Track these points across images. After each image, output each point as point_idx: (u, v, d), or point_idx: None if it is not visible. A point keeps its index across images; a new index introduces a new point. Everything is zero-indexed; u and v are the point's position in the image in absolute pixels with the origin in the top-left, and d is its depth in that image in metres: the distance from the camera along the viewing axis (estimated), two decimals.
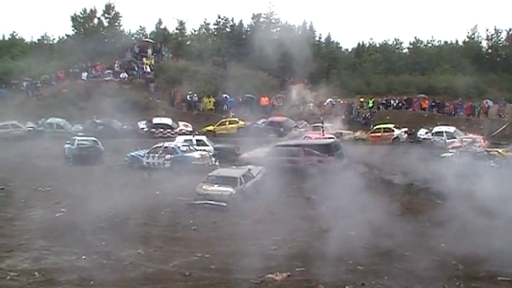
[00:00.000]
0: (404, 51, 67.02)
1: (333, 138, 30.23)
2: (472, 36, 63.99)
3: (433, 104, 44.76)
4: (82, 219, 18.07)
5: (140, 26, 66.46)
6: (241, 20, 65.75)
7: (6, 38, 65.67)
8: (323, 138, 30.33)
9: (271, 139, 33.64)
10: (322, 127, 32.29)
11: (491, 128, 36.84)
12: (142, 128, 38.36)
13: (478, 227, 16.08)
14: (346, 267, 14.02)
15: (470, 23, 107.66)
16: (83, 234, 16.81)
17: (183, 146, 28.36)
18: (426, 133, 35.30)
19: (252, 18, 63.86)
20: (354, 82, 55.62)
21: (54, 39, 65.41)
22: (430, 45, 65.61)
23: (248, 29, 64.12)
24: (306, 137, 31.49)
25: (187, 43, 62.75)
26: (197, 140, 30.66)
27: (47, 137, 35.35)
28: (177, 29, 64.31)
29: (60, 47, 59.21)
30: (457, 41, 65.77)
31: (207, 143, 30.81)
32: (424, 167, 25.05)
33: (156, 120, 38.82)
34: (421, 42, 65.80)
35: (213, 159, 27.54)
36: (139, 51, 51.16)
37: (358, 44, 67.89)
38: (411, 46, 65.95)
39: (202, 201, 20.29)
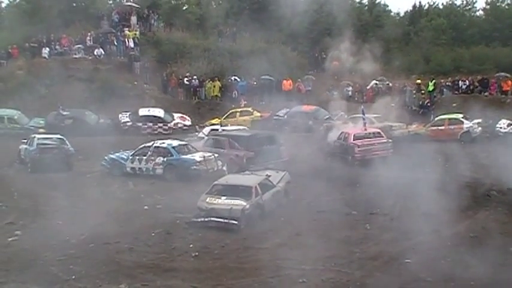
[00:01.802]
0: (478, 13, 66.64)
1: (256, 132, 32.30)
2: None
3: None
4: (44, 244, 18.19)
5: None
6: None
7: None
8: (241, 129, 33.49)
9: (296, 137, 33.66)
10: (364, 119, 32.10)
11: None
12: (125, 122, 38.67)
13: None
14: None
15: None
16: (45, 264, 16.86)
17: (180, 145, 28.40)
18: (509, 125, 34.98)
19: None
20: (407, 58, 55.31)
21: (1, 2, 65.69)
22: None
23: None
24: (342, 132, 31.36)
25: (184, 8, 62.86)
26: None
27: None
28: None
29: (12, 13, 59.36)
30: None
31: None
32: (505, 171, 24.91)
33: (143, 112, 39.07)
34: (503, 1, 65.13)
35: (220, 162, 27.52)
36: (120, 19, 51.32)
37: (414, 6, 67.71)
38: (488, 7, 65.36)
39: (206, 219, 20.31)
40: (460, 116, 36.17)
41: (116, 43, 48.74)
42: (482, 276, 15.46)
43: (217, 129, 32.76)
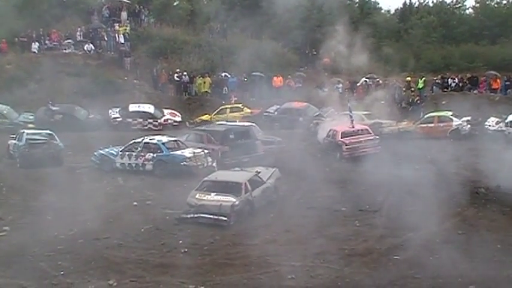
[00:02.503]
0: (468, 12, 66.77)
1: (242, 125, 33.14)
2: None
3: (507, 83, 44.45)
4: (33, 240, 18.17)
5: None
6: None
7: None
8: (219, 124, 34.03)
9: (286, 133, 33.72)
10: (351, 116, 32.06)
11: None
12: (115, 118, 38.49)
13: None
14: None
15: None
16: (34, 260, 16.85)
17: (170, 141, 28.35)
18: (497, 123, 35.08)
19: None
20: (397, 55, 55.31)
21: None
22: (504, 2, 65.14)
23: None
24: (331, 129, 31.40)
25: (175, 3, 62.74)
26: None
27: None
28: None
29: (1, 7, 59.06)
30: None
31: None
32: (493, 169, 25.05)
33: (133, 108, 38.92)
34: None
35: (210, 159, 27.51)
36: (110, 14, 51.19)
37: (404, 4, 67.79)
38: (477, 5, 65.50)
39: (196, 215, 20.33)
40: (449, 113, 36.25)
41: (106, 38, 48.59)
42: (471, 273, 15.54)
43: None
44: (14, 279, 15.57)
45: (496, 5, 64.64)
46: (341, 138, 29.81)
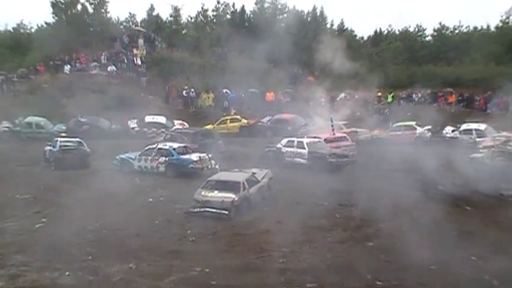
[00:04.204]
0: (427, 39, 67.10)
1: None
2: (506, 20, 63.25)
3: (460, 98, 44.71)
4: (65, 230, 18.11)
5: (130, 13, 66.90)
6: (243, 6, 65.97)
7: None
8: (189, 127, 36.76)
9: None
10: (332, 125, 32.09)
11: None
12: (133, 128, 38.44)
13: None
14: (364, 283, 14.01)
15: (504, 5, 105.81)
16: (66, 247, 16.80)
17: (179, 147, 28.33)
18: (453, 131, 35.17)
19: (256, 4, 63.97)
20: (370, 74, 55.30)
21: (32, 27, 65.72)
22: (457, 31, 65.54)
23: (251, 15, 64.19)
24: (315, 136, 31.35)
25: (183, 32, 62.87)
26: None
27: (25, 138, 35.56)
28: (171, 16, 64.57)
29: (39, 36, 59.13)
30: (488, 27, 65.12)
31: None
32: (449, 169, 25.30)
33: (148, 119, 38.80)
34: (447, 28, 65.78)
35: (213, 161, 27.50)
36: (129, 41, 51.40)
37: (375, 32, 67.99)
38: (436, 33, 65.90)
39: (201, 209, 20.28)
40: (413, 123, 36.33)
41: (126, 61, 48.78)
42: (431, 256, 15.58)
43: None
44: (51, 263, 15.54)
45: (450, 34, 65.38)
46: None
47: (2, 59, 51.53)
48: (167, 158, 27.32)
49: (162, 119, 38.99)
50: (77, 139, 30.39)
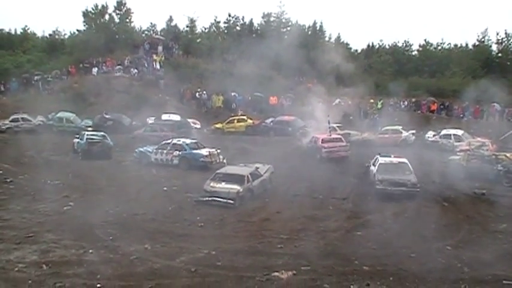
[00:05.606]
0: (414, 53, 67.06)
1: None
2: (482, 39, 63.73)
3: (441, 106, 44.66)
4: (90, 213, 18.17)
5: (151, 23, 66.76)
6: (251, 19, 65.88)
7: (18, 32, 66.40)
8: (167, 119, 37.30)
9: (279, 139, 33.68)
10: (329, 127, 32.09)
11: (500, 132, 36.51)
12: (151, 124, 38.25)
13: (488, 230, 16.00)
14: (352, 267, 13.99)
15: (481, 27, 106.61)
16: (90, 228, 16.82)
17: (192, 143, 28.32)
18: (434, 135, 35.10)
19: (263, 18, 63.94)
20: (363, 83, 55.22)
21: (65, 34, 66.00)
22: (439, 48, 65.59)
23: (258, 28, 64.12)
24: (313, 137, 31.34)
25: (198, 41, 62.78)
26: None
27: (57, 131, 35.58)
28: (187, 26, 64.45)
29: (72, 42, 59.59)
30: (467, 45, 65.77)
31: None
32: (429, 169, 25.46)
33: (164, 117, 38.73)
34: (431, 44, 65.89)
35: (221, 156, 27.50)
36: (150, 47, 51.37)
37: (368, 45, 67.91)
38: (421, 48, 65.94)
39: (210, 198, 20.31)
40: (399, 127, 36.21)
41: (146, 65, 48.81)
42: (412, 245, 15.62)
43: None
44: (77, 241, 15.54)
45: (434, 49, 65.51)
46: (321, 143, 29.70)
47: (39, 61, 51.80)
48: (180, 152, 27.32)
49: (177, 118, 38.95)
50: (102, 133, 30.49)
